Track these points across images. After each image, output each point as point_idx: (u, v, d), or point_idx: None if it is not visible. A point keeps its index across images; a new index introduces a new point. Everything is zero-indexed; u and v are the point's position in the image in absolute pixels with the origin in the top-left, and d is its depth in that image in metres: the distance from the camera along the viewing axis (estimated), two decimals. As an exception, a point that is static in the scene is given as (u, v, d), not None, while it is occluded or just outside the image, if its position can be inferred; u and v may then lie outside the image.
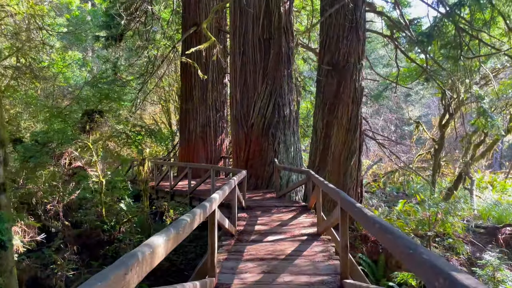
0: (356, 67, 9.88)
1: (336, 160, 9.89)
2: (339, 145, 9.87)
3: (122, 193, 9.13)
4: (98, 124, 9.18)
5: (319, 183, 5.95)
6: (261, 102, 11.89)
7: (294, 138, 12.44)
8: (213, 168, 9.96)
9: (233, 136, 12.74)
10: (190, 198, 11.25)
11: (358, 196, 10.14)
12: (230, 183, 5.44)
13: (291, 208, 8.58)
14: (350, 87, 9.82)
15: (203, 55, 16.69)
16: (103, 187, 8.43)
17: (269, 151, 11.84)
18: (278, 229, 6.65)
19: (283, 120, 12.10)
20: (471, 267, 9.64)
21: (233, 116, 12.75)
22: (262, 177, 11.88)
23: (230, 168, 10.21)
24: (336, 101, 9.89)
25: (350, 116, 9.86)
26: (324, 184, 5.29)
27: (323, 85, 10.16)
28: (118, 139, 9.48)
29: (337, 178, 9.89)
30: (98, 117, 9.01)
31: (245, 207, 8.52)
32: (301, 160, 12.81)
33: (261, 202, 9.44)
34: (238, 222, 7.14)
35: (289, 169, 9.88)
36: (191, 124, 16.76)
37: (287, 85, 12.33)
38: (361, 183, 10.25)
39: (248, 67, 12.16)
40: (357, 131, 9.95)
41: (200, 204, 3.46)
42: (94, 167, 8.81)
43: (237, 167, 12.53)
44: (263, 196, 10.45)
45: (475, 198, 14.00)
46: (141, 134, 9.76)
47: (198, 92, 16.72)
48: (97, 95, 8.89)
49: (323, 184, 5.34)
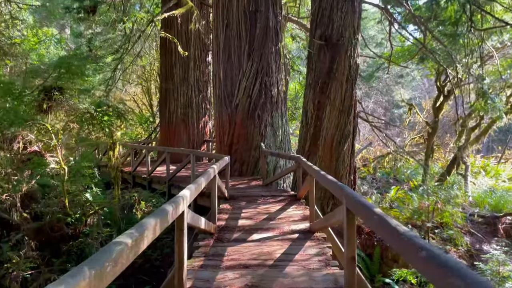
0: (351, 42, 8.95)
1: (328, 145, 9.04)
2: (332, 128, 9.01)
3: (88, 181, 8.14)
4: (58, 102, 8.06)
5: (313, 172, 5.08)
6: (246, 81, 10.90)
7: (282, 121, 11.53)
8: (193, 153, 9.01)
9: (216, 118, 11.76)
10: (169, 186, 10.33)
11: (351, 184, 9.35)
12: (208, 172, 4.51)
13: (279, 198, 7.74)
14: (345, 64, 8.91)
15: (184, 31, 15.52)
16: (65, 174, 7.41)
17: (255, 134, 10.93)
18: (265, 224, 5.79)
19: (270, 101, 11.16)
20: (471, 260, 9.03)
21: (216, 96, 11.75)
22: (247, 162, 10.98)
23: (212, 153, 9.29)
24: (328, 80, 8.98)
25: (343, 96, 8.98)
26: (320, 174, 4.41)
27: (314, 62, 9.22)
28: (81, 120, 8.41)
29: (329, 164, 9.06)
30: (57, 95, 7.88)
31: (228, 197, 7.64)
32: (289, 144, 11.94)
33: (246, 191, 8.56)
34: (219, 216, 6.26)
35: (276, 154, 9.00)
36: (171, 105, 15.69)
37: (275, 63, 11.34)
38: (355, 169, 9.46)
39: (232, 43, 11.10)
40: (351, 113, 9.10)
41: (160, 208, 2.54)
42: (54, 152, 7.76)
43: (220, 151, 11.59)
44: (248, 184, 9.58)
45: (470, 184, 13.42)
46: (108, 115, 8.72)
47: (179, 71, 15.60)
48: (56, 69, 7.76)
49: (320, 174, 4.46)
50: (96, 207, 7.54)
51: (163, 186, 10.58)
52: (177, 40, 15.03)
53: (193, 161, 9.06)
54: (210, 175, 4.56)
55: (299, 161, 7.50)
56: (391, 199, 12.40)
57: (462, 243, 9.15)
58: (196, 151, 8.93)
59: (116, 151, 8.19)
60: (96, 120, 8.53)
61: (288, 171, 8.72)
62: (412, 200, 10.38)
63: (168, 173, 10.35)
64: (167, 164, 10.34)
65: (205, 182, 4.10)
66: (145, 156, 11.62)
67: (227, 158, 7.29)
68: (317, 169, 4.98)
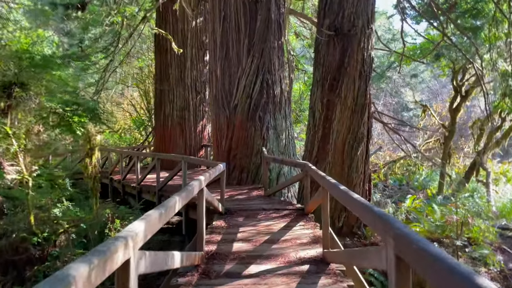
0: (364, 32, 7.84)
1: (339, 150, 7.89)
2: (343, 130, 7.86)
3: (57, 194, 7.02)
4: (20, 101, 6.99)
5: (327, 185, 3.94)
6: (246, 79, 9.80)
7: (286, 123, 10.41)
8: (184, 159, 7.89)
9: (213, 121, 10.65)
10: (159, 196, 9.21)
11: (366, 194, 8.19)
12: (188, 189, 3.37)
13: (283, 213, 6.59)
14: (357, 57, 7.78)
15: (180, 29, 14.48)
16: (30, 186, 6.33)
17: (256, 138, 9.80)
18: (266, 249, 4.64)
19: (273, 101, 10.04)
20: (505, 281, 7.83)
21: (212, 96, 10.65)
22: (247, 169, 9.85)
23: (204, 160, 8.17)
24: (339, 76, 7.85)
25: (356, 94, 7.85)
26: (340, 190, 3.28)
27: (322, 56, 8.10)
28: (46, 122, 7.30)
29: (340, 171, 7.92)
30: (19, 91, 6.82)
31: (223, 211, 6.49)
32: (294, 149, 10.80)
33: (245, 203, 7.42)
34: (210, 238, 5.14)
35: (280, 161, 7.86)
36: (166, 108, 14.62)
37: (277, 59, 10.24)
38: (369, 177, 8.30)
39: (230, 37, 10.01)
40: (365, 113, 7.95)
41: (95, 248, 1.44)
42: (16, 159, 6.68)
43: (218, 157, 10.47)
44: (248, 194, 8.43)
45: (492, 192, 12.21)
46: (80, 115, 7.61)
47: (175, 71, 14.53)
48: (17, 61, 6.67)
49: (338, 190, 3.32)
50: (66, 225, 6.44)
51: (152, 196, 9.50)
52: (173, 38, 13.98)
53: (185, 168, 7.94)
54: (190, 191, 3.42)
55: (306, 169, 6.37)
56: (407, 210, 11.21)
57: (494, 262, 7.95)
58: (188, 157, 7.82)
59: (94, 158, 7.11)
60: (64, 122, 7.43)
61: (294, 180, 7.59)
62: (434, 212, 9.19)
63: (158, 182, 9.24)
64: (157, 171, 9.23)
65: (180, 202, 2.97)
66: (135, 163, 10.51)
67: (221, 166, 6.16)
68: (333, 181, 3.84)
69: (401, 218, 10.67)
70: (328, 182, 3.97)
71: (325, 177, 4.19)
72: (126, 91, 27.05)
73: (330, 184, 3.83)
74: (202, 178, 4.13)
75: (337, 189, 3.45)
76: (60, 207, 6.96)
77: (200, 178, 4.09)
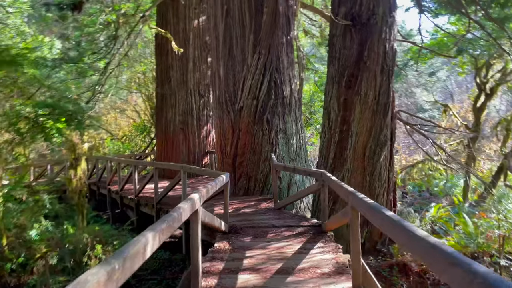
0: (385, 21, 6.89)
1: (359, 156, 6.92)
2: (363, 133, 6.90)
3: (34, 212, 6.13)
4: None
5: (360, 205, 2.98)
6: (252, 78, 8.88)
7: (296, 126, 9.46)
8: (183, 169, 6.98)
9: (217, 125, 9.75)
10: (157, 210, 8.30)
11: (391, 205, 7.19)
12: (171, 218, 2.40)
13: (297, 230, 5.62)
14: (378, 50, 6.83)
15: (181, 28, 13.65)
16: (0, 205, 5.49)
17: (263, 143, 8.87)
18: (279, 283, 3.69)
19: (282, 102, 9.11)
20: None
21: (216, 98, 9.75)
22: (255, 178, 8.91)
23: (205, 169, 7.27)
24: (358, 71, 6.90)
25: (378, 91, 6.88)
26: (383, 215, 2.31)
27: (338, 49, 7.16)
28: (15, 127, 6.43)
29: (361, 180, 6.94)
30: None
31: (226, 230, 5.55)
32: (306, 155, 9.84)
33: (253, 218, 6.47)
34: (211, 265, 4.20)
35: (292, 169, 6.89)
36: (168, 113, 13.75)
37: (286, 57, 9.32)
38: (394, 186, 7.31)
39: (234, 32, 9.12)
40: (388, 114, 6.98)
41: None
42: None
43: (222, 165, 9.56)
44: (256, 207, 7.48)
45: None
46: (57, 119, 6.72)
47: (176, 73, 13.68)
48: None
49: (381, 214, 2.36)
50: (44, 249, 5.56)
51: (151, 209, 8.61)
52: (174, 38, 13.16)
53: (184, 178, 7.03)
54: (175, 219, 2.47)
55: (324, 178, 5.43)
56: (432, 220, 10.16)
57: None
58: (187, 166, 6.91)
59: (79, 169, 6.24)
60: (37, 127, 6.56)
61: (308, 192, 6.65)
62: (466, 224, 8.14)
63: (156, 193, 8.34)
64: (155, 182, 8.34)
65: (156, 239, 2.02)
66: (132, 172, 9.63)
67: (224, 177, 5.22)
68: (369, 201, 2.88)
69: (426, 229, 9.62)
70: (360, 201, 3.01)
71: (354, 193, 3.23)
72: (130, 97, 26.37)
73: (363, 204, 2.87)
74: (196, 197, 3.20)
75: (376, 213, 2.49)
76: (37, 227, 6.06)
77: (193, 197, 3.16)
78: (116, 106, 26.38)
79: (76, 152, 6.17)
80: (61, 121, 6.45)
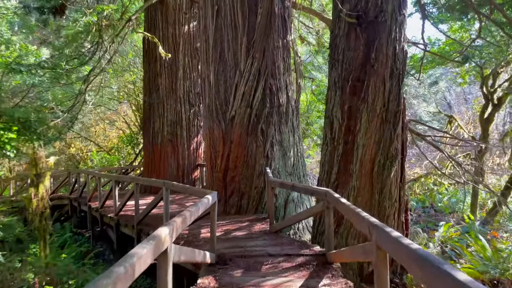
0: (395, 19, 6.12)
1: (367, 171, 6.07)
2: (371, 145, 6.06)
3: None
4: None
5: (385, 240, 2.12)
6: (245, 85, 8.06)
7: (294, 138, 8.62)
8: (165, 185, 6.08)
9: (206, 136, 8.87)
10: (138, 231, 7.37)
11: (402, 228, 6.32)
12: (116, 275, 1.52)
13: (298, 260, 4.73)
14: (387, 51, 6.05)
15: (171, 34, 12.87)
16: None
17: (258, 156, 8.01)
18: None
19: (278, 111, 8.28)
20: None
21: (205, 106, 8.90)
22: (248, 195, 8.01)
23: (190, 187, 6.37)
24: (364, 75, 6.10)
25: (387, 98, 6.08)
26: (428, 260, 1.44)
27: (341, 51, 6.36)
28: None
29: (369, 198, 6.08)
30: None
31: (213, 261, 4.64)
32: (304, 169, 8.98)
33: (245, 244, 5.56)
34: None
35: (291, 186, 6.01)
36: (156, 123, 12.87)
37: (283, 61, 8.53)
38: (406, 206, 6.44)
39: (225, 34, 8.32)
40: (399, 123, 6.17)
41: None
42: None
43: (211, 180, 8.67)
44: (249, 229, 6.57)
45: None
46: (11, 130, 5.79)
47: (165, 81, 12.85)
48: None
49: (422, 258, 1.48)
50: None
51: (131, 230, 7.68)
52: (163, 44, 12.38)
53: (166, 196, 6.13)
54: (122, 275, 1.59)
55: (328, 199, 4.57)
56: (442, 240, 9.31)
57: None
58: (169, 182, 6.02)
59: (41, 187, 5.32)
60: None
61: (308, 214, 5.76)
62: (484, 248, 7.28)
63: (137, 213, 7.41)
64: (135, 199, 7.43)
65: None
66: (113, 188, 8.71)
67: (209, 199, 4.33)
68: (409, 243, 2.01)
69: (436, 252, 8.77)
70: (391, 240, 2.15)
71: (381, 228, 2.36)
72: (120, 107, 25.47)
73: (400, 248, 2.00)
74: (163, 234, 2.31)
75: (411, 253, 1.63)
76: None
77: (159, 235, 2.27)
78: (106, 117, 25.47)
79: (38, 167, 5.29)
80: (12, 131, 5.57)
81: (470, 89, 23.26)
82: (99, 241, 11.42)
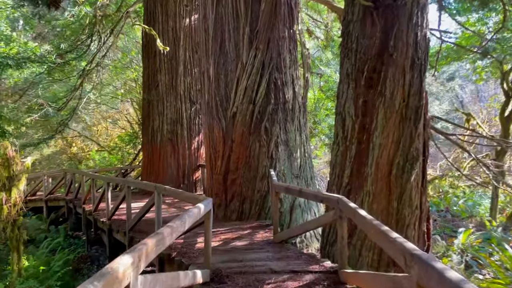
0: (417, 2, 5.40)
1: (384, 174, 5.36)
2: (389, 145, 5.35)
3: None
4: None
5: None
6: (248, 79, 7.39)
7: (301, 137, 7.92)
8: (157, 189, 5.43)
9: (206, 135, 8.22)
10: (130, 238, 6.74)
11: (424, 238, 5.60)
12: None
13: (305, 279, 4.06)
14: (408, 38, 5.33)
15: (171, 28, 12.24)
16: None
17: (261, 157, 7.33)
18: None
19: (283, 108, 7.60)
20: None
21: (204, 103, 8.25)
22: (250, 199, 7.34)
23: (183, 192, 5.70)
24: (381, 66, 5.39)
25: (407, 92, 5.36)
26: None
27: (355, 39, 5.65)
28: None
29: (386, 206, 5.36)
30: None
31: (208, 279, 3.97)
32: (312, 171, 8.28)
33: (245, 257, 4.88)
34: None
35: (297, 192, 5.30)
36: (155, 121, 12.25)
37: (289, 54, 7.84)
38: (428, 214, 5.71)
39: (226, 24, 7.65)
40: (420, 121, 5.44)
41: None
42: None
43: (211, 183, 8.02)
44: (250, 239, 5.89)
45: None
46: None
47: (165, 77, 12.22)
48: None
49: None
50: None
51: (123, 237, 7.06)
52: (163, 38, 11.76)
53: (158, 201, 5.48)
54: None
55: (342, 208, 3.88)
56: (462, 249, 8.56)
57: None
58: (161, 186, 5.38)
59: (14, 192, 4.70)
60: None
61: (317, 224, 5.08)
62: None
63: (128, 218, 6.78)
64: (127, 203, 6.79)
65: None
66: (105, 190, 8.09)
67: (201, 208, 3.66)
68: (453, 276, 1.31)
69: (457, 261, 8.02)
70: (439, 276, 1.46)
71: (426, 261, 1.67)
72: (123, 106, 24.94)
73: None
74: (124, 264, 1.64)
75: None
76: None
77: (115, 268, 1.60)
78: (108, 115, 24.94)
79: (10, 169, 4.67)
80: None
81: (484, 87, 22.37)
82: (94, 245, 10.85)
